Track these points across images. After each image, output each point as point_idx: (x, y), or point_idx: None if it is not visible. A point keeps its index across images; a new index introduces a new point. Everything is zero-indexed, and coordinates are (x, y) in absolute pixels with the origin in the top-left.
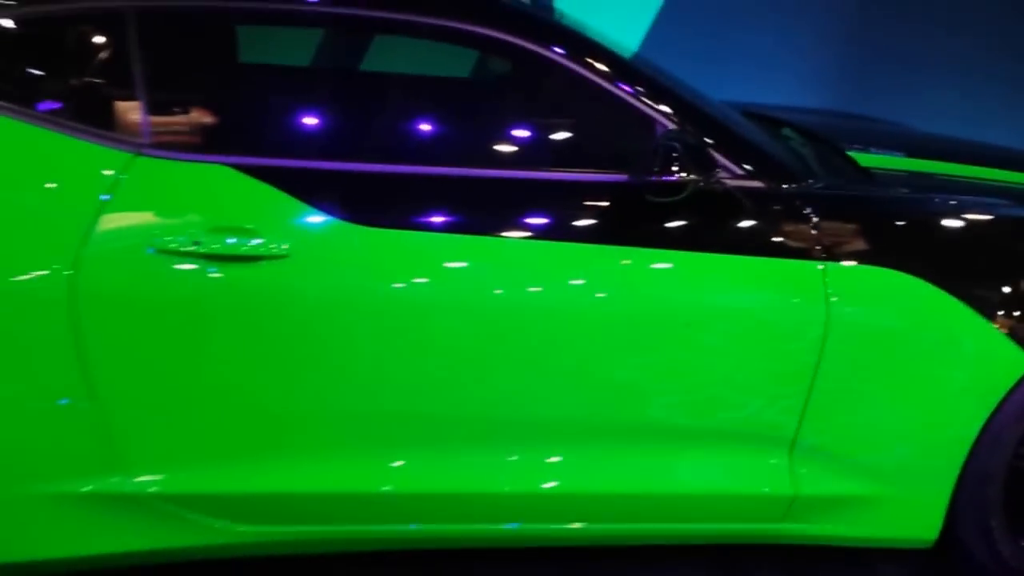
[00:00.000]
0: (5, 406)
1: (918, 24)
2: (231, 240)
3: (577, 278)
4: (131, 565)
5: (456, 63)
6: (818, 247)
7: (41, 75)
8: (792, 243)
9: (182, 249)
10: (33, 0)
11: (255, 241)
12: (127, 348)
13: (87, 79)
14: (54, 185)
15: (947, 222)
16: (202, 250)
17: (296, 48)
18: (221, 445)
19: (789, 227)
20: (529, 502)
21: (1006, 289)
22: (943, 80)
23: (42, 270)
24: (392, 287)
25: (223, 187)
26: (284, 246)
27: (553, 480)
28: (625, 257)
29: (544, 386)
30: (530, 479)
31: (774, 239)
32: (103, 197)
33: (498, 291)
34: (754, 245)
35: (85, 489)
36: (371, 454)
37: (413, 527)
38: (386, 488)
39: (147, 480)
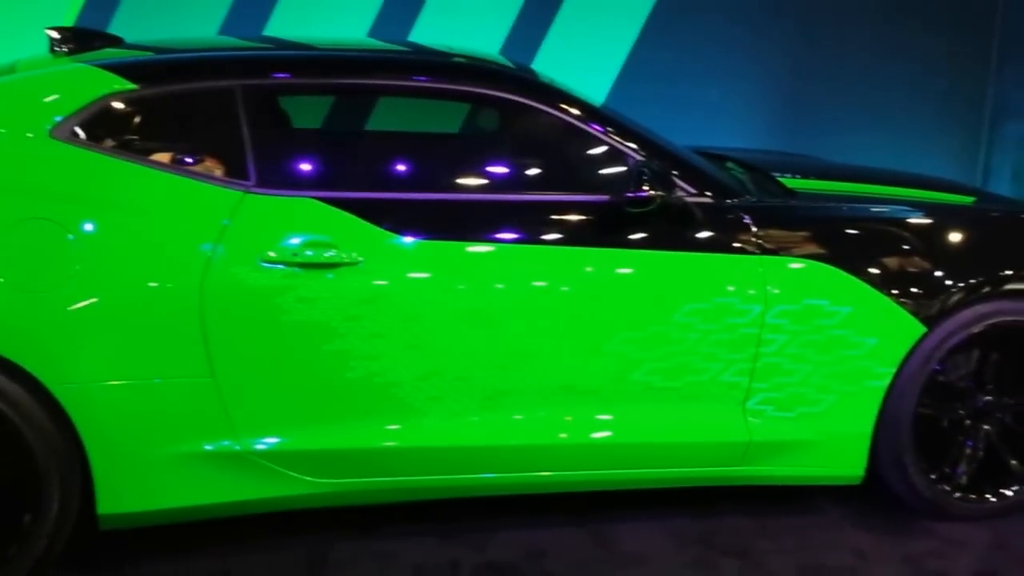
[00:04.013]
0: (149, 384)
1: (844, 80)
2: (318, 252)
3: (572, 273)
4: (229, 516)
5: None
6: (754, 245)
7: (178, 137)
8: (734, 242)
9: (282, 259)
10: (171, 82)
11: (335, 252)
12: (239, 336)
13: (209, 139)
14: (190, 214)
15: (853, 223)
16: (298, 260)
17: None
18: (307, 412)
19: (731, 230)
20: (543, 454)
21: (900, 272)
22: (865, 123)
23: (183, 275)
24: (435, 283)
25: (310, 214)
26: (356, 255)
27: (561, 434)
28: (610, 255)
29: (545, 355)
30: (543, 434)
31: (721, 239)
32: (224, 222)
33: (499, 286)
34: (706, 244)
35: (206, 448)
36: (425, 416)
37: (449, 477)
38: (435, 444)
39: (250, 441)
